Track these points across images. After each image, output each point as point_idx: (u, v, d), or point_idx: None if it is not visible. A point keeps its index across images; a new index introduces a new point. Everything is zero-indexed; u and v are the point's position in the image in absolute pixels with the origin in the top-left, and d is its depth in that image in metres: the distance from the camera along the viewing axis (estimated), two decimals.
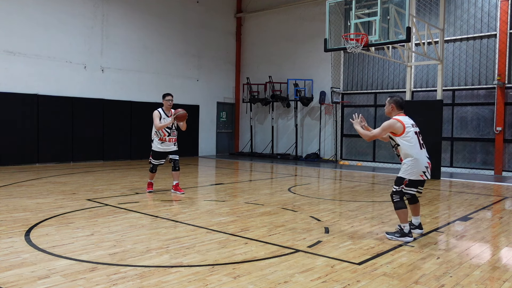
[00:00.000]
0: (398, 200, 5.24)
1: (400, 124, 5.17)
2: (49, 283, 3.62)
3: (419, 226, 5.55)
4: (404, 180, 5.19)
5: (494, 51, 13.31)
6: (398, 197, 5.25)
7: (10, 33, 12.61)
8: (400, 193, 5.25)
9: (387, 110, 5.47)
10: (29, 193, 8.02)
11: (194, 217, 6.30)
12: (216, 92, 18.92)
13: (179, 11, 17.31)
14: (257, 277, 3.85)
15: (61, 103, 13.63)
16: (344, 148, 16.74)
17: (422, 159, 5.17)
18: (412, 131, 5.19)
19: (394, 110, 5.37)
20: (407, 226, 5.21)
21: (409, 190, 5.26)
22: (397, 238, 5.22)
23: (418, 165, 5.14)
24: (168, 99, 8.13)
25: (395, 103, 5.36)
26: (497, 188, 10.37)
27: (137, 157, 15.63)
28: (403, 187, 5.22)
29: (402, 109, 5.38)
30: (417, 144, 5.17)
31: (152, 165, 8.22)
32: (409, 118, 5.31)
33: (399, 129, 5.17)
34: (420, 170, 5.15)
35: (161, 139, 8.02)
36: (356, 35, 10.15)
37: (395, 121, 5.21)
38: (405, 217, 5.20)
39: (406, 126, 5.17)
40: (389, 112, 5.42)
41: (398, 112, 5.36)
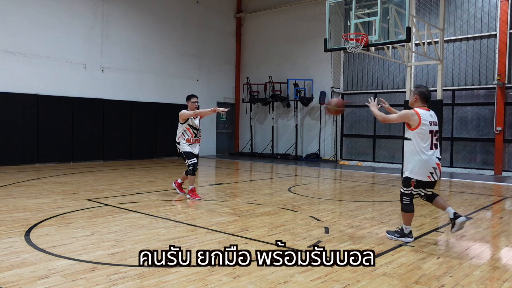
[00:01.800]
0: (408, 203, 5.10)
1: (417, 117, 4.90)
2: (49, 283, 3.62)
3: (456, 216, 5.00)
4: (412, 181, 5.01)
5: (494, 51, 13.31)
6: (408, 199, 5.09)
7: (10, 33, 12.61)
8: (410, 195, 5.09)
9: (410, 100, 5.22)
10: (29, 193, 8.02)
11: (194, 217, 6.30)
12: (216, 92, 18.92)
13: (179, 11, 17.31)
14: (257, 277, 3.85)
15: (61, 103, 13.63)
16: (344, 148, 16.74)
17: (431, 159, 4.93)
18: (428, 128, 4.92)
19: (418, 102, 5.10)
20: (408, 228, 5.17)
21: (418, 191, 5.09)
22: (396, 238, 5.22)
23: (426, 165, 4.92)
24: (194, 100, 7.82)
25: (419, 94, 5.10)
26: (497, 188, 10.37)
27: (137, 157, 15.64)
28: (412, 189, 5.04)
29: (427, 102, 5.10)
30: (428, 143, 4.93)
31: (192, 165, 7.74)
32: (430, 115, 5.02)
33: (414, 122, 4.91)
34: (427, 171, 4.94)
35: (188, 140, 7.76)
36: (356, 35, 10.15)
37: (414, 113, 4.93)
38: (409, 220, 5.13)
39: (422, 121, 4.89)
40: (412, 103, 5.17)
41: (421, 104, 5.09)
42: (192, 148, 7.82)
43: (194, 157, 7.79)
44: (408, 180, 5.05)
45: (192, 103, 7.84)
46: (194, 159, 7.78)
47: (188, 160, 7.76)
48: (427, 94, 5.12)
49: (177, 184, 8.32)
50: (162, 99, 16.59)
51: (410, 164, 5.04)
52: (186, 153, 7.78)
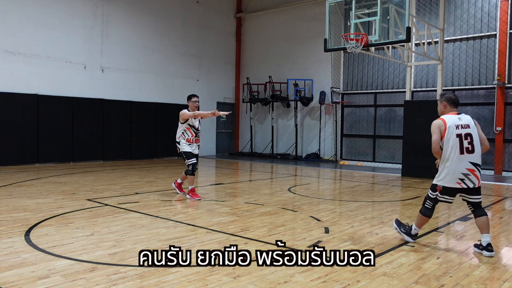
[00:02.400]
0: (429, 208, 4.95)
1: (443, 124, 4.74)
2: (49, 283, 3.62)
3: (487, 247, 4.67)
4: (438, 187, 4.83)
5: (494, 51, 13.30)
6: (431, 204, 4.94)
7: (10, 33, 12.61)
8: (435, 200, 4.92)
9: (439, 110, 5.02)
10: (29, 193, 8.02)
11: (194, 217, 6.30)
12: (216, 92, 18.92)
13: (179, 11, 17.31)
14: (257, 277, 3.85)
15: (61, 103, 13.63)
16: (344, 148, 16.73)
17: (460, 165, 4.66)
18: (454, 133, 4.70)
19: (447, 108, 4.91)
20: (417, 230, 5.13)
21: (443, 198, 4.86)
22: (400, 231, 5.20)
23: (454, 171, 4.69)
24: (194, 100, 7.82)
25: (447, 100, 4.92)
26: (497, 188, 10.37)
27: (137, 157, 15.64)
28: (437, 194, 4.86)
29: (456, 106, 4.92)
30: (456, 148, 4.68)
31: (192, 165, 7.75)
32: (459, 118, 4.79)
33: (442, 130, 4.76)
34: (456, 177, 4.68)
35: (188, 140, 7.76)
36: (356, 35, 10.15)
37: (441, 122, 4.78)
38: (422, 224, 5.06)
39: (448, 127, 4.72)
40: (442, 111, 4.97)
41: (450, 110, 4.90)
42: (191, 148, 7.82)
43: (193, 157, 7.79)
44: (434, 186, 4.90)
45: (192, 102, 7.83)
46: (194, 159, 7.78)
47: (187, 160, 7.77)
48: (455, 98, 4.95)
49: (176, 184, 8.33)
50: (162, 99, 16.59)
51: (439, 170, 4.87)
52: (185, 153, 7.78)
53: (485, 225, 4.76)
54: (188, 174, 7.90)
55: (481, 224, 4.79)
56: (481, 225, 4.80)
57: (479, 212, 4.84)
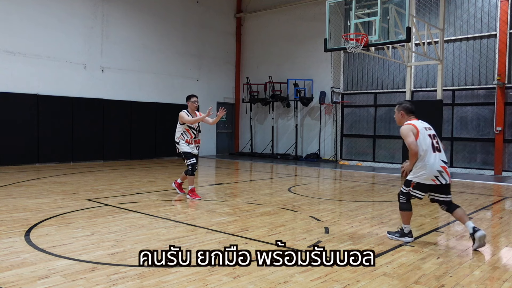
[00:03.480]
0: (404, 202, 5.16)
1: (415, 129, 5.05)
2: (49, 283, 3.62)
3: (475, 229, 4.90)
4: (412, 182, 5.06)
5: (494, 51, 13.30)
6: (405, 198, 5.16)
7: (10, 33, 12.61)
8: (407, 195, 5.14)
9: (397, 118, 5.35)
10: (29, 193, 8.02)
11: (194, 217, 6.30)
12: (216, 92, 18.92)
13: (179, 11, 17.31)
14: (257, 277, 3.85)
15: (61, 103, 13.63)
16: (344, 148, 16.73)
17: (434, 163, 4.96)
18: (426, 134, 5.05)
19: (404, 117, 5.27)
20: (408, 227, 5.19)
21: (415, 193, 5.08)
22: (397, 238, 5.23)
23: (431, 169, 4.95)
24: (194, 100, 7.79)
25: (404, 110, 5.27)
26: (497, 188, 10.37)
27: (137, 157, 15.63)
28: (410, 189, 5.09)
29: (413, 113, 5.28)
30: (430, 148, 5.00)
31: (191, 166, 7.72)
32: (421, 122, 5.20)
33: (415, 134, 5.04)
34: (432, 174, 4.95)
35: (187, 141, 7.75)
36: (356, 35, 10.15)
37: (411, 127, 5.07)
38: (407, 219, 5.17)
39: (420, 130, 5.05)
40: (400, 120, 5.31)
41: (408, 117, 5.25)
42: (191, 148, 7.81)
43: (193, 157, 7.77)
44: (409, 181, 5.12)
45: (192, 103, 7.80)
46: (193, 159, 7.77)
47: (187, 161, 7.75)
48: (411, 107, 5.31)
49: (176, 184, 8.33)
50: (162, 99, 16.59)
51: (415, 169, 5.07)
52: (185, 153, 7.77)
53: (463, 215, 5.09)
54: (187, 174, 7.89)
55: (461, 216, 5.08)
56: (460, 216, 5.07)
57: (453, 207, 5.13)
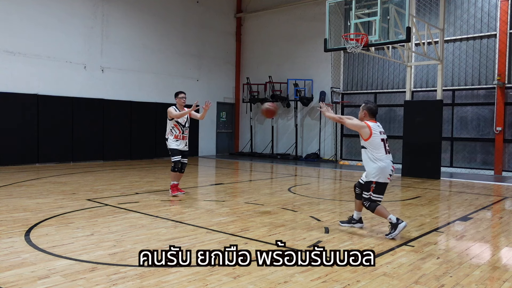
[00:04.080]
0: (370, 203, 5.43)
1: (368, 130, 5.41)
2: (49, 283, 3.62)
3: (360, 220, 5.86)
4: (371, 186, 5.38)
5: (494, 51, 13.30)
6: (367, 202, 5.45)
7: (10, 33, 12.61)
8: (369, 200, 5.44)
9: (360, 115, 5.75)
10: (29, 193, 8.02)
11: (194, 217, 6.30)
12: (216, 92, 18.92)
13: (179, 11, 17.31)
14: (257, 277, 3.85)
15: (61, 103, 13.63)
16: (344, 148, 16.73)
17: (388, 164, 5.40)
18: (379, 137, 5.44)
19: (366, 117, 5.64)
20: (392, 217, 5.33)
21: (377, 197, 5.41)
22: (395, 233, 5.28)
23: (385, 170, 5.35)
24: (182, 96, 8.01)
25: (367, 110, 5.65)
26: (497, 188, 10.37)
27: (137, 157, 15.63)
28: (371, 194, 5.40)
29: (374, 116, 5.68)
30: (382, 149, 5.41)
31: (174, 163, 7.96)
32: (378, 125, 5.59)
33: (365, 134, 5.42)
34: (387, 173, 5.38)
35: (176, 137, 7.94)
36: (356, 35, 10.15)
37: (365, 125, 5.46)
38: (385, 212, 5.38)
39: (374, 133, 5.41)
40: (362, 118, 5.69)
41: (369, 118, 5.62)
42: (178, 144, 7.99)
43: (179, 155, 7.98)
44: (369, 184, 5.43)
45: (179, 99, 8.03)
46: (178, 157, 7.97)
47: (172, 158, 7.98)
48: (375, 109, 5.70)
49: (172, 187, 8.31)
50: (162, 99, 16.58)
51: (370, 169, 5.43)
52: (171, 149, 8.01)
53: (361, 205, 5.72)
54: (171, 170, 8.07)
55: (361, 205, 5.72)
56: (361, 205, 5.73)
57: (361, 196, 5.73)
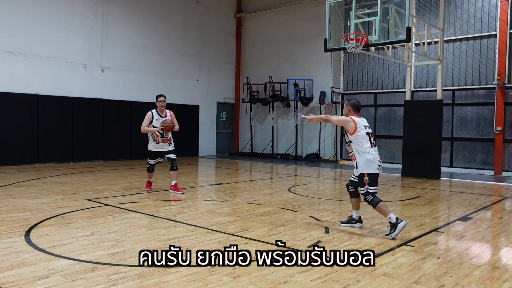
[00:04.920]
0: (372, 198, 5.47)
1: (353, 124, 5.57)
2: (49, 283, 3.62)
3: (360, 219, 5.88)
4: (365, 179, 5.46)
5: (494, 51, 13.30)
6: (370, 196, 5.48)
7: (10, 33, 12.61)
8: (367, 193, 5.49)
9: (344, 111, 5.92)
10: (29, 193, 8.02)
11: (194, 217, 6.30)
12: (216, 92, 18.92)
13: (179, 11, 17.31)
14: (257, 277, 3.85)
15: (61, 103, 13.63)
16: (344, 148, 16.72)
17: (375, 155, 5.56)
18: (364, 131, 5.60)
19: (351, 112, 5.80)
20: (392, 216, 5.32)
21: (373, 189, 5.48)
22: (395, 233, 5.26)
23: (372, 161, 5.50)
24: (161, 100, 8.24)
25: (351, 106, 5.81)
26: (497, 188, 10.37)
27: (137, 157, 15.62)
28: (367, 187, 5.47)
29: (358, 111, 5.83)
30: (368, 143, 5.57)
31: (149, 164, 8.40)
32: (363, 120, 5.74)
33: (351, 128, 5.57)
34: (376, 164, 5.53)
35: (155, 140, 8.20)
36: (356, 35, 10.14)
37: (350, 120, 5.62)
38: (385, 210, 5.39)
39: (359, 127, 5.58)
40: (346, 114, 5.85)
41: (354, 114, 5.78)
42: (160, 147, 8.22)
43: (155, 158, 8.30)
44: (362, 176, 5.52)
45: (158, 102, 8.26)
46: (154, 161, 8.32)
47: (148, 160, 8.35)
48: (358, 105, 5.87)
49: (173, 188, 8.34)
50: None
51: (359, 161, 5.56)
52: (149, 151, 8.34)
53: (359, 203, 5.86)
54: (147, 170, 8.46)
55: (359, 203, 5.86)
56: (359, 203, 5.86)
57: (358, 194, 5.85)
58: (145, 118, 8.16)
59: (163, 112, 8.26)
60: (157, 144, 8.20)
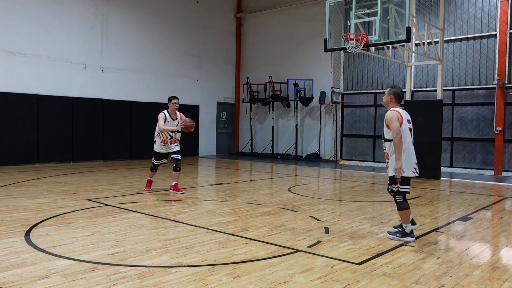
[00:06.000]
0: (402, 201, 5.15)
1: (400, 117, 5.05)
2: (49, 283, 3.62)
3: (412, 221, 5.41)
4: (397, 178, 5.08)
5: (494, 51, 13.30)
6: (401, 197, 5.15)
7: (10, 33, 12.61)
8: (400, 192, 5.15)
9: (385, 100, 5.33)
10: (29, 193, 8.02)
11: (194, 217, 6.30)
12: (216, 92, 18.92)
13: (179, 11, 17.31)
14: (257, 277, 3.85)
15: (61, 103, 13.63)
16: (344, 148, 16.73)
17: (413, 154, 5.12)
18: (408, 126, 5.12)
19: (393, 102, 5.24)
20: (409, 226, 5.18)
21: (405, 189, 5.12)
22: (398, 238, 5.21)
23: (410, 161, 5.07)
24: (174, 102, 8.05)
25: (394, 95, 5.23)
26: (497, 188, 10.37)
27: (137, 157, 15.63)
28: (398, 186, 5.11)
29: (400, 101, 5.27)
30: (410, 140, 5.10)
31: (153, 164, 8.35)
32: (405, 113, 5.21)
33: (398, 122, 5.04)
34: (412, 167, 5.08)
35: (163, 141, 8.10)
36: (356, 35, 10.14)
37: (396, 113, 5.06)
38: (408, 218, 5.16)
39: (404, 120, 5.09)
40: (387, 103, 5.28)
41: (396, 104, 5.24)
42: (166, 148, 8.16)
43: (161, 159, 8.26)
44: (393, 178, 5.14)
45: (172, 104, 8.09)
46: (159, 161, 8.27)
47: (153, 159, 8.30)
48: (401, 94, 5.27)
49: (173, 188, 8.33)
50: (162, 99, 16.55)
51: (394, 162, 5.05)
52: (154, 152, 8.26)
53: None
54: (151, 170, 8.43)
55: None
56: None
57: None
58: (159, 118, 7.95)
59: (174, 114, 8.09)
60: (165, 146, 8.12)
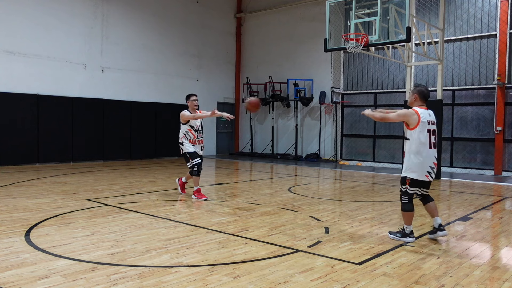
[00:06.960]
0: (407, 202, 5.09)
1: (416, 117, 4.88)
2: (49, 283, 3.62)
3: (440, 227, 5.14)
4: (407, 179, 5.03)
5: (494, 51, 13.30)
6: (407, 198, 5.09)
7: (10, 33, 12.61)
8: (407, 194, 5.09)
9: (410, 99, 5.20)
10: (29, 193, 8.02)
11: (194, 217, 6.30)
12: (216, 92, 18.92)
13: (179, 11, 17.31)
14: (257, 277, 3.85)
15: (61, 103, 13.63)
16: (344, 148, 16.73)
17: (429, 158, 4.94)
18: (426, 128, 4.91)
19: (417, 101, 5.08)
20: (409, 227, 5.16)
21: (414, 190, 5.06)
22: (398, 238, 5.21)
23: (423, 164, 4.93)
24: (193, 99, 7.73)
25: (418, 93, 5.07)
26: (497, 188, 10.37)
27: (137, 157, 15.64)
28: (407, 187, 5.04)
29: (426, 101, 5.08)
30: (427, 142, 4.91)
31: (196, 166, 7.64)
32: (429, 114, 5.01)
33: (413, 122, 4.90)
34: (425, 170, 4.94)
35: (191, 141, 7.71)
36: (356, 35, 10.14)
37: (413, 112, 4.91)
38: (410, 219, 5.11)
39: (422, 121, 4.89)
40: (411, 103, 5.14)
41: (420, 103, 5.07)
42: (195, 148, 7.76)
43: (198, 157, 7.70)
44: (404, 178, 5.10)
45: (191, 101, 7.76)
46: (198, 159, 7.69)
47: (192, 160, 7.65)
48: (427, 93, 5.09)
49: (180, 182, 8.24)
50: (162, 99, 16.60)
51: (408, 163, 5.06)
52: (190, 153, 7.69)
53: (435, 209, 5.21)
54: (192, 174, 7.75)
55: (432, 210, 5.21)
56: (432, 210, 5.21)
57: (427, 199, 5.24)
58: (184, 115, 7.55)
59: (195, 112, 7.75)
60: (194, 146, 7.71)
